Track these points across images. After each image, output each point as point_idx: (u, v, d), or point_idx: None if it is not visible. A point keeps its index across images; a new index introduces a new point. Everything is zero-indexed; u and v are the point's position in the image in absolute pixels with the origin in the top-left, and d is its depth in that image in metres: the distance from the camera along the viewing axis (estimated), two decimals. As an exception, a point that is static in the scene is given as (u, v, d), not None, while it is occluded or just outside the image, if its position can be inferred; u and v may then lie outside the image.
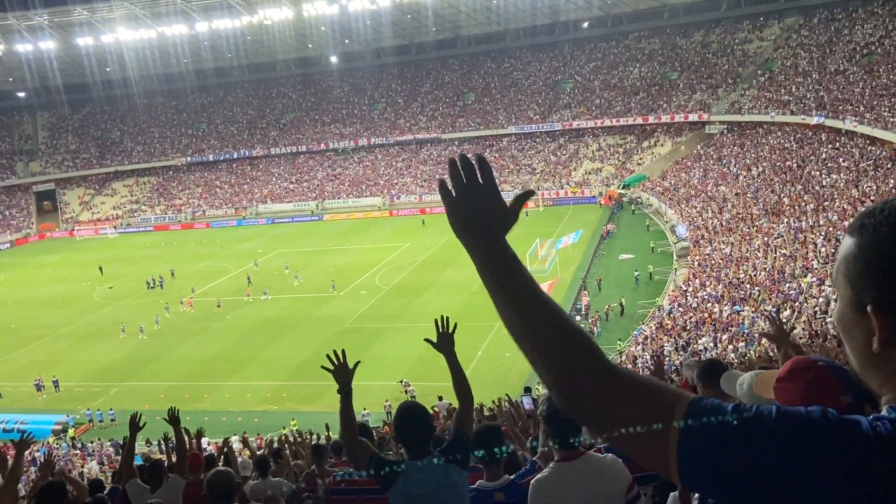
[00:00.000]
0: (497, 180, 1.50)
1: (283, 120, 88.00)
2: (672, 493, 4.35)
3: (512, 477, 4.01)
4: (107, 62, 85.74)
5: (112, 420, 31.76)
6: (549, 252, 45.60)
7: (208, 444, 25.83)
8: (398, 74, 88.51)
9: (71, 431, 31.08)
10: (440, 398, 25.16)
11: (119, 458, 26.84)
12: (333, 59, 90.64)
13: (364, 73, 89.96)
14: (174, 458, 10.06)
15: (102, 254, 64.42)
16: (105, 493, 7.92)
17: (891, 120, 42.37)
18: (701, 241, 43.83)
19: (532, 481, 3.43)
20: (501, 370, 31.43)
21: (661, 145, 67.69)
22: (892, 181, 36.68)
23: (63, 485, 5.05)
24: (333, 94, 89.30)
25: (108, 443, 29.34)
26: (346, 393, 3.80)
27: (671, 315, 33.35)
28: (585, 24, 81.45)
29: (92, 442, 29.90)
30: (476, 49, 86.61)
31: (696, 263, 40.36)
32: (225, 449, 10.76)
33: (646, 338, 32.04)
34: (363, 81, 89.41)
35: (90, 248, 68.57)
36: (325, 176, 78.90)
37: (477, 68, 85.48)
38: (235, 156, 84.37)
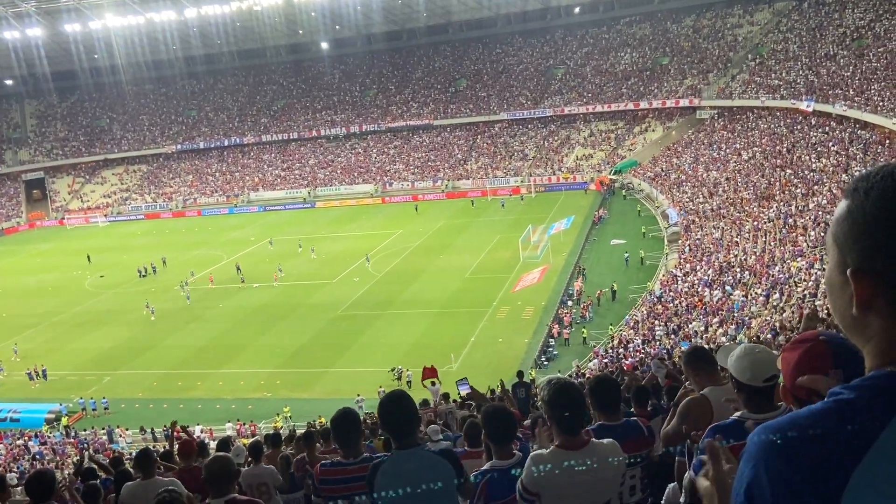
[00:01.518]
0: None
1: (273, 107, 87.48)
2: (670, 486, 4.42)
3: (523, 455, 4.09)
4: (95, 49, 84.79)
5: (105, 409, 31.81)
6: (541, 238, 45.74)
7: (201, 432, 25.99)
8: (389, 61, 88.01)
9: (64, 420, 31.12)
10: (433, 383, 25.27)
11: (112, 446, 26.96)
12: (324, 45, 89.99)
13: (355, 60, 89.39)
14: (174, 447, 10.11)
15: (93, 242, 64.09)
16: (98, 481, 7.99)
17: (880, 104, 42.53)
18: (692, 226, 44.02)
19: (532, 455, 3.48)
20: (494, 355, 31.63)
21: (653, 131, 67.72)
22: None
23: (52, 473, 5.09)
24: (324, 81, 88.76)
25: (102, 431, 29.41)
26: None
27: (662, 300, 33.55)
28: (577, 10, 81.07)
29: (85, 430, 29.95)
30: (467, 35, 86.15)
31: (686, 248, 40.56)
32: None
33: (637, 322, 32.26)
34: (354, 68, 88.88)
35: (80, 237, 68.22)
36: (317, 163, 78.61)
37: (468, 54, 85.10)
38: (226, 143, 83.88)
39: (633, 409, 6.24)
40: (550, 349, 32.31)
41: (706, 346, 5.20)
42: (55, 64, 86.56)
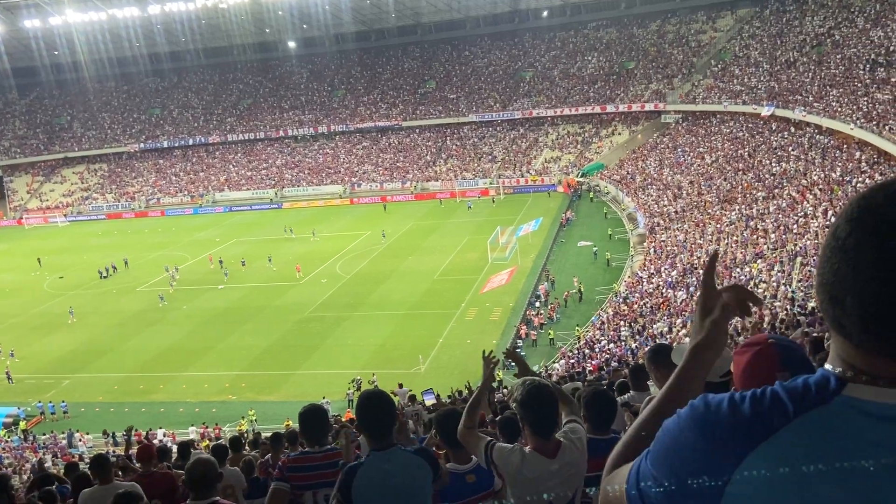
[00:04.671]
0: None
1: (240, 106, 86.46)
2: None
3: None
4: (55, 45, 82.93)
5: (64, 412, 31.06)
6: (509, 239, 45.95)
7: (164, 436, 25.58)
8: (358, 61, 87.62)
9: (22, 424, 30.29)
10: (400, 385, 25.25)
11: (71, 451, 26.35)
12: (292, 44, 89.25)
13: (323, 60, 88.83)
14: (132, 451, 9.92)
15: (52, 242, 62.65)
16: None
17: (838, 110, 43.64)
18: (657, 229, 44.62)
19: (513, 448, 3.49)
20: (463, 357, 31.64)
21: (619, 134, 68.52)
22: (839, 169, 37.84)
23: (7, 478, 4.95)
24: (292, 81, 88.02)
25: (62, 435, 28.71)
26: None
27: (628, 301, 33.94)
28: (545, 13, 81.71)
29: (44, 434, 29.22)
30: (436, 36, 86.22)
31: (651, 250, 41.10)
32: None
33: (603, 323, 32.59)
34: (322, 68, 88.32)
35: (39, 237, 66.61)
36: (284, 163, 77.90)
37: (437, 56, 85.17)
38: (191, 142, 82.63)
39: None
40: (518, 350, 32.43)
41: (667, 344, 5.29)
42: (14, 60, 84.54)
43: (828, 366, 1.12)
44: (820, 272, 1.07)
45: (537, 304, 37.30)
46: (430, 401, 9.70)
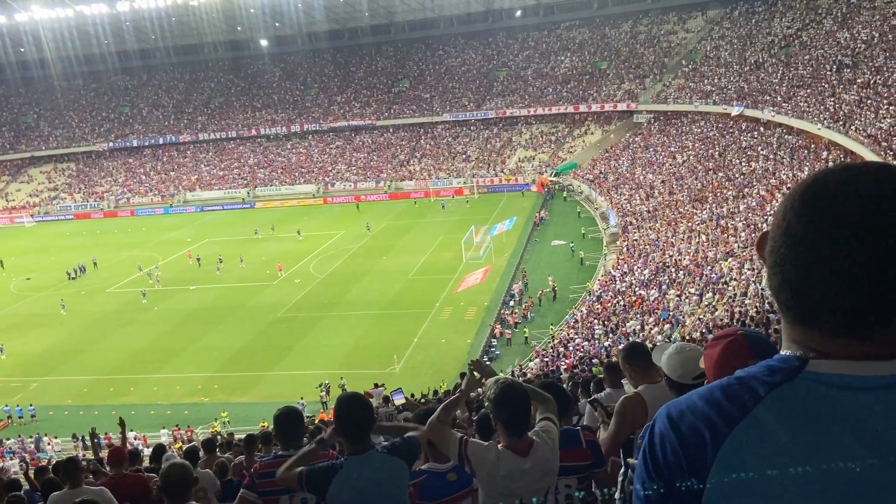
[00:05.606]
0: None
1: (211, 104, 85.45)
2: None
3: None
4: (21, 42, 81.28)
5: (32, 416, 30.47)
6: (484, 239, 46.04)
7: (135, 439, 25.21)
8: (331, 60, 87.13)
9: (-13, 429, 29.66)
10: (375, 385, 25.16)
11: (40, 455, 25.85)
12: (264, 42, 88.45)
13: (296, 58, 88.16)
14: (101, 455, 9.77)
15: (19, 243, 61.38)
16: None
17: (806, 110, 44.43)
18: (629, 228, 45.05)
19: (486, 445, 3.51)
20: (437, 356, 31.68)
21: (592, 134, 69.03)
22: (807, 169, 38.55)
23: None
24: (264, 79, 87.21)
25: (30, 440, 28.15)
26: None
27: (601, 299, 34.22)
28: (518, 13, 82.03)
29: (9, 439, 28.61)
30: (410, 35, 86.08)
31: (624, 249, 41.48)
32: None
33: (577, 321, 32.82)
34: (295, 66, 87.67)
35: (5, 238, 65.19)
36: (257, 163, 77.18)
37: (411, 55, 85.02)
38: (161, 141, 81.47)
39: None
40: (493, 349, 32.54)
41: (641, 343, 5.34)
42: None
43: (785, 351, 1.12)
44: (779, 269, 1.07)
45: (511, 303, 37.45)
46: (399, 400, 9.79)
